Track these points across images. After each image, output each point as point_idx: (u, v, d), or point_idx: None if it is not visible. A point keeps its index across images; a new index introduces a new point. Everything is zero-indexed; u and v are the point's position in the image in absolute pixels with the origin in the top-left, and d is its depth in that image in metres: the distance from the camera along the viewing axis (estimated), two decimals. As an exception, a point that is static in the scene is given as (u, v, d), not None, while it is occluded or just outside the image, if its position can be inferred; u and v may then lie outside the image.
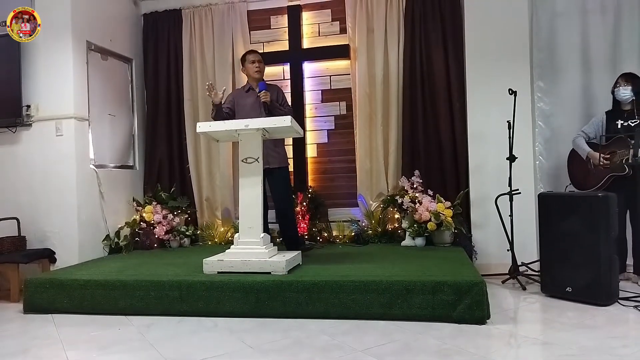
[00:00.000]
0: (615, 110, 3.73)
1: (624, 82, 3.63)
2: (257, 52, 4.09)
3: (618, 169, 3.53)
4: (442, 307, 2.83)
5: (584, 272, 3.12)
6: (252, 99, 3.89)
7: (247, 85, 4.01)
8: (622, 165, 3.50)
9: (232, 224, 4.89)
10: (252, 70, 3.93)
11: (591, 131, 3.79)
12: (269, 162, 3.82)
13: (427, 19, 4.51)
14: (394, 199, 4.35)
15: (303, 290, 3.00)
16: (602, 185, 3.60)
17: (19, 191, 4.18)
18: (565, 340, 2.50)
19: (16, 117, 4.13)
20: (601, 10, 4.11)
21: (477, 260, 4.04)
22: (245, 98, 3.94)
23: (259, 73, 3.94)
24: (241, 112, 3.90)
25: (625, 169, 3.48)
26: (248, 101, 3.91)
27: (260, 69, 3.96)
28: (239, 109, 3.92)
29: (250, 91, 3.94)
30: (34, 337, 2.87)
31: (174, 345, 2.64)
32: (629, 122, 3.62)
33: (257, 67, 3.93)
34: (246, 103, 3.91)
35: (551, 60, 4.21)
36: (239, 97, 3.99)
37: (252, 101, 3.88)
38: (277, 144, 3.94)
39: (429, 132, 4.52)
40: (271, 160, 3.85)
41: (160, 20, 5.15)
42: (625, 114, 3.66)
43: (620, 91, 3.64)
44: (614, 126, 3.67)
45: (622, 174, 3.51)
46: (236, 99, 3.98)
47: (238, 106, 3.94)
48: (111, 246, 4.47)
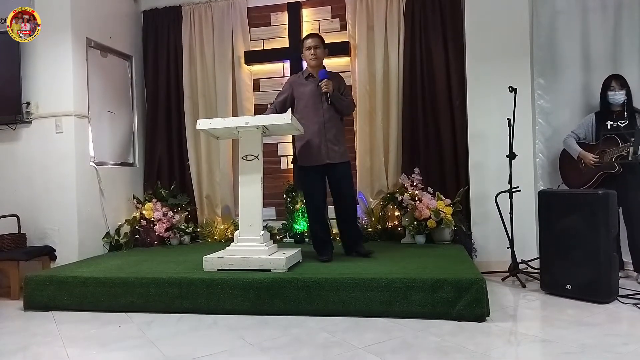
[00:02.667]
0: (604, 111, 3.78)
1: (619, 86, 3.67)
2: (315, 35, 3.73)
3: (608, 167, 3.60)
4: (442, 305, 2.83)
5: (583, 270, 3.12)
6: (311, 87, 3.62)
7: (305, 72, 3.72)
8: (612, 164, 3.57)
9: (232, 222, 4.89)
10: (308, 57, 3.63)
11: (581, 132, 3.84)
12: (330, 157, 3.58)
13: (428, 16, 4.50)
14: (394, 196, 4.35)
15: (303, 287, 3.01)
16: (593, 184, 3.66)
17: (19, 188, 4.18)
18: (564, 337, 2.51)
19: (16, 114, 4.12)
20: (601, 8, 4.10)
21: (476, 257, 4.05)
22: (305, 86, 3.65)
23: (316, 60, 3.61)
24: (300, 100, 3.64)
25: (615, 166, 3.55)
26: (307, 89, 3.63)
27: (317, 55, 3.61)
28: (298, 97, 3.66)
29: (310, 78, 3.65)
30: (34, 335, 2.88)
31: (174, 342, 2.64)
32: (618, 122, 3.68)
33: (313, 54, 3.60)
34: (305, 91, 3.64)
35: (551, 58, 4.21)
36: (298, 84, 3.69)
37: (312, 89, 3.61)
38: (340, 136, 3.66)
39: (429, 130, 4.51)
40: (332, 155, 3.58)
41: (160, 17, 5.14)
42: (614, 115, 3.71)
43: (616, 95, 3.68)
44: (603, 127, 3.72)
45: (612, 171, 3.57)
46: (294, 87, 3.70)
47: (297, 93, 3.67)
48: (111, 243, 4.48)
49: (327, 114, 3.58)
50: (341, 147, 3.63)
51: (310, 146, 3.59)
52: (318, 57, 3.62)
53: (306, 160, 3.63)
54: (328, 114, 3.58)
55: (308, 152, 3.61)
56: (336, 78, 3.70)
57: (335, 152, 3.58)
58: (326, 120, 3.58)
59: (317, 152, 3.57)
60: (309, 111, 3.60)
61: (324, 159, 3.56)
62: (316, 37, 3.69)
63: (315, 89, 3.59)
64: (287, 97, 3.70)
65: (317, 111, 3.58)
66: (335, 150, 3.58)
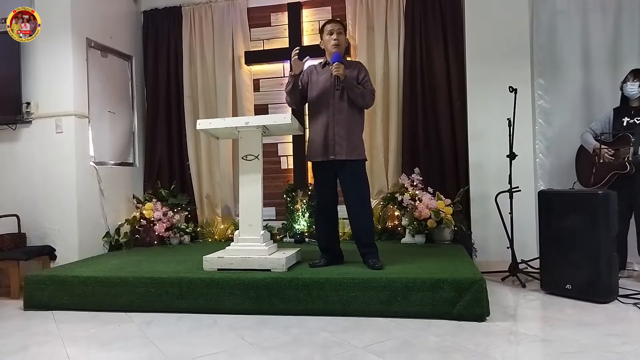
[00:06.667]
0: (622, 107, 3.70)
1: (633, 77, 3.59)
2: (337, 21, 3.44)
3: (620, 167, 3.54)
4: (442, 305, 2.83)
5: (583, 270, 3.12)
6: (326, 76, 3.31)
7: (324, 60, 3.42)
8: (624, 163, 3.51)
9: (232, 221, 4.90)
10: (329, 43, 3.31)
11: (598, 127, 3.76)
12: (336, 152, 3.24)
13: (428, 16, 4.51)
14: (394, 196, 4.35)
15: (303, 287, 3.01)
16: (606, 183, 3.60)
17: (19, 188, 4.18)
18: (564, 337, 2.51)
19: (16, 114, 4.13)
20: (601, 8, 4.11)
21: (476, 257, 4.05)
22: (321, 74, 3.37)
23: (338, 47, 3.28)
24: (313, 88, 3.37)
25: (627, 166, 3.49)
26: (321, 78, 3.34)
27: (340, 41, 3.30)
28: (312, 86, 3.38)
29: (327, 66, 3.33)
30: (34, 334, 2.88)
31: (174, 342, 2.64)
32: (634, 119, 3.60)
33: (336, 40, 3.29)
34: (319, 80, 3.35)
35: (551, 58, 4.21)
36: (314, 72, 3.41)
37: (326, 78, 3.30)
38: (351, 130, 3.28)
39: (429, 130, 4.52)
40: (338, 150, 3.24)
41: (160, 17, 5.14)
42: (632, 111, 3.63)
43: (627, 87, 3.60)
44: (619, 123, 3.65)
45: (624, 172, 3.52)
46: (310, 74, 3.41)
47: (311, 82, 3.39)
48: (111, 243, 4.48)
49: (338, 104, 3.26)
50: (350, 143, 3.24)
51: (315, 140, 3.32)
52: (340, 44, 3.30)
53: (310, 155, 3.38)
54: (339, 105, 3.26)
55: (312, 146, 3.35)
56: (355, 65, 3.39)
57: (341, 148, 3.22)
58: (336, 112, 3.26)
59: (322, 147, 3.27)
60: (320, 101, 3.32)
61: (328, 155, 3.25)
62: (338, 22, 3.41)
63: (329, 77, 3.27)
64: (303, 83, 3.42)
65: (327, 101, 3.29)
66: (342, 146, 3.22)
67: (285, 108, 4.90)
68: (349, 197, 3.31)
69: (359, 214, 3.31)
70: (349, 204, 3.32)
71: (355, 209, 3.30)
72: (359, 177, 3.30)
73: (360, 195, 3.31)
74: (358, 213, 3.30)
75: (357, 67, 3.39)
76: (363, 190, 3.34)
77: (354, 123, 3.30)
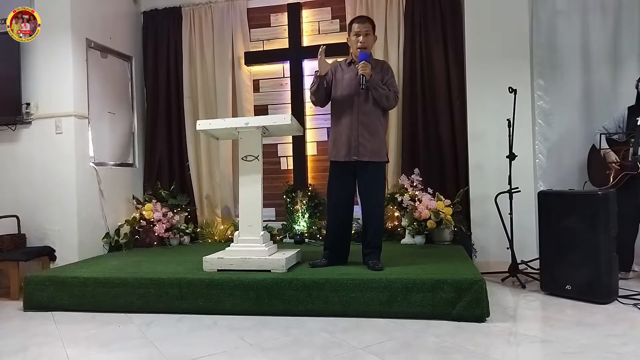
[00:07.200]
0: (637, 105, 3.63)
1: None
2: (365, 19, 3.36)
3: (631, 167, 3.50)
4: (442, 305, 2.83)
5: (583, 270, 3.12)
6: (351, 75, 3.29)
7: (349, 58, 3.41)
8: (635, 164, 3.47)
9: (232, 222, 4.90)
10: (355, 44, 3.29)
11: (612, 126, 3.70)
12: (359, 154, 3.23)
13: (427, 17, 4.50)
14: (394, 197, 4.35)
15: (303, 288, 3.01)
16: (616, 184, 3.54)
17: (19, 189, 4.18)
18: (564, 338, 2.51)
19: (16, 115, 4.12)
20: (601, 8, 4.10)
21: (476, 258, 4.04)
22: (346, 72, 3.34)
23: (365, 49, 3.26)
24: (337, 87, 3.33)
25: (638, 167, 3.45)
26: (346, 76, 3.32)
27: (366, 43, 3.26)
28: (336, 84, 3.34)
29: (353, 65, 3.33)
30: (34, 335, 2.87)
31: (174, 342, 2.64)
32: None
33: (362, 42, 3.26)
34: (344, 78, 3.32)
35: (551, 59, 4.21)
36: (339, 70, 3.38)
37: (351, 77, 3.28)
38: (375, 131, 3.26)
39: (429, 130, 4.51)
40: (362, 151, 3.23)
41: (160, 18, 5.14)
42: None
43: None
44: (634, 122, 3.58)
45: (635, 172, 3.48)
46: (335, 72, 3.37)
47: (335, 80, 3.35)
48: (111, 244, 4.47)
49: (363, 105, 3.24)
50: (375, 145, 3.23)
51: (339, 139, 3.29)
52: (367, 46, 3.27)
53: (333, 154, 3.35)
54: (365, 105, 3.24)
55: (336, 145, 3.32)
56: (380, 65, 3.37)
57: (365, 149, 3.21)
58: (360, 112, 3.24)
59: (345, 147, 3.25)
60: (344, 100, 3.29)
61: (351, 155, 3.23)
62: (366, 21, 3.33)
63: (354, 76, 3.24)
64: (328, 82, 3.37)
65: (352, 100, 3.26)
66: (367, 147, 3.21)
67: (285, 109, 4.91)
68: (366, 197, 3.33)
69: (374, 215, 3.33)
70: (365, 204, 3.33)
71: (371, 210, 3.32)
72: (379, 179, 3.33)
73: (377, 196, 3.33)
74: (373, 214, 3.32)
75: (382, 67, 3.38)
76: (381, 191, 3.37)
77: (379, 124, 3.31)
